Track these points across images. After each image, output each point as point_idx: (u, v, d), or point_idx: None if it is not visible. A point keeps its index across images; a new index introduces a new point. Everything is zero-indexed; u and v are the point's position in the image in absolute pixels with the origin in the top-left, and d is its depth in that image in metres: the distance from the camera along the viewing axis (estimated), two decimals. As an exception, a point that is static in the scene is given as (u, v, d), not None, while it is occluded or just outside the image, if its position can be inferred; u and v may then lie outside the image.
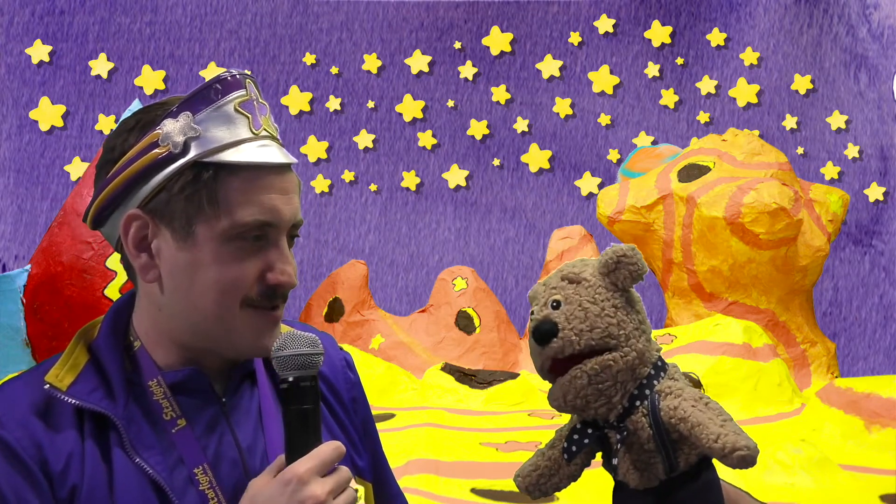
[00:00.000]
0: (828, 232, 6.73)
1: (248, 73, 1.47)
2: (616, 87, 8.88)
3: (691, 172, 6.85)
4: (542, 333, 1.51)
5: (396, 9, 8.85)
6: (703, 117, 8.80)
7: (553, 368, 1.53)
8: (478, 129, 8.87)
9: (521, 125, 8.87)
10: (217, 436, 1.46)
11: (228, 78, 1.45)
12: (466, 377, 6.32)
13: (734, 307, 6.62)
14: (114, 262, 3.23)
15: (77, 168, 8.56)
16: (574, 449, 1.55)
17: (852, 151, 8.66)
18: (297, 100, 8.84)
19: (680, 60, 8.83)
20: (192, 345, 1.47)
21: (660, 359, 1.56)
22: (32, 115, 8.65)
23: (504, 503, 4.42)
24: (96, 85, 8.73)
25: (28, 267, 3.41)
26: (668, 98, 8.83)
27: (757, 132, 8.36)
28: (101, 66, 8.71)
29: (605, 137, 8.86)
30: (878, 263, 8.58)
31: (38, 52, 8.66)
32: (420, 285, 8.63)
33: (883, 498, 4.58)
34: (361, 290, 7.25)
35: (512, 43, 8.88)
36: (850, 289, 8.59)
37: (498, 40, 8.87)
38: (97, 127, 8.65)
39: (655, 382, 1.52)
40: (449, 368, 6.39)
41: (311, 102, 8.88)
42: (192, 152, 1.42)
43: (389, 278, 8.77)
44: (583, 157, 8.86)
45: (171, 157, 1.42)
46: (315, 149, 8.84)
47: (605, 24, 8.85)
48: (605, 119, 8.84)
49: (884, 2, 8.49)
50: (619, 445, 1.52)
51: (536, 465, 1.59)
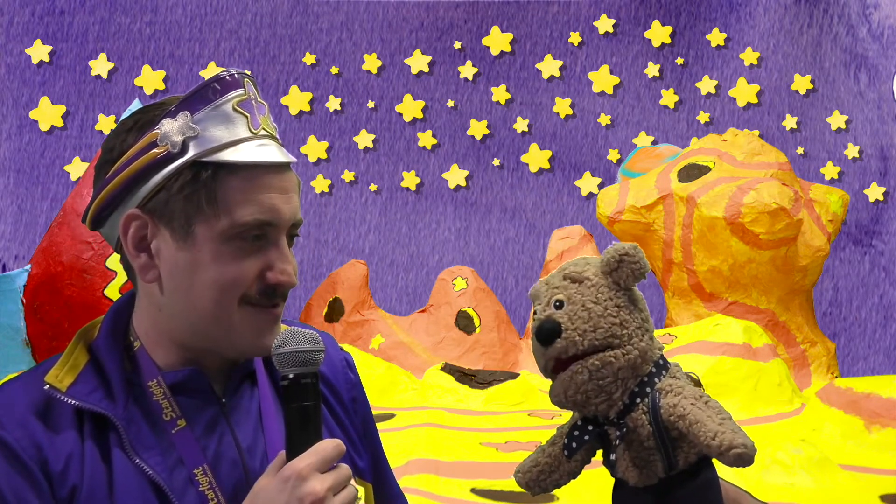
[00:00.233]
0: (828, 232, 6.73)
1: (246, 72, 1.47)
2: (616, 87, 8.88)
3: (691, 172, 6.85)
4: (546, 333, 1.51)
5: (396, 9, 8.85)
6: (703, 117, 8.80)
7: (556, 368, 1.53)
8: (478, 129, 8.87)
9: (521, 125, 8.87)
10: (217, 436, 1.46)
11: (227, 77, 1.45)
12: (466, 377, 6.32)
13: (734, 307, 6.62)
14: (114, 262, 3.23)
15: (77, 168, 8.56)
16: (574, 445, 1.55)
17: (852, 151, 8.66)
18: (297, 100, 8.84)
19: (680, 60, 8.83)
20: (192, 345, 1.47)
21: (662, 357, 1.56)
22: (32, 115, 8.65)
23: (504, 503, 4.42)
24: (96, 85, 8.73)
25: (28, 267, 3.41)
26: (668, 98, 8.83)
27: (757, 132, 8.36)
28: (101, 66, 8.71)
29: (605, 137, 8.86)
30: (878, 263, 8.58)
31: (38, 52, 8.66)
32: (420, 285, 8.62)
33: (883, 498, 4.58)
34: (361, 290, 7.25)
35: (512, 43, 8.88)
36: (850, 289, 8.59)
37: (498, 40, 8.87)
38: (97, 127, 8.65)
39: (657, 380, 1.52)
40: (449, 368, 6.38)
41: (311, 102, 8.88)
42: (191, 152, 1.41)
43: (389, 278, 8.77)
44: (583, 157, 8.86)
45: (170, 157, 1.41)
46: (315, 149, 8.84)
47: (605, 24, 8.85)
48: (605, 119, 8.84)
49: (884, 2, 8.49)
50: (619, 442, 1.52)
51: (537, 462, 1.59)
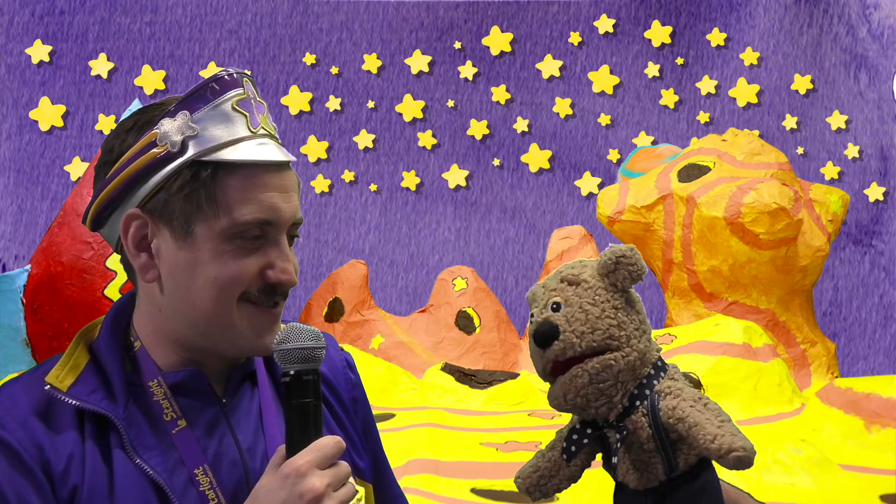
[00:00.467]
0: (828, 232, 6.72)
1: (245, 72, 1.47)
2: (616, 87, 8.88)
3: (691, 172, 6.85)
4: (544, 336, 1.51)
5: (396, 9, 8.85)
6: (703, 117, 8.80)
7: (555, 371, 1.53)
8: (478, 129, 8.87)
9: (521, 125, 8.87)
10: (217, 437, 1.46)
11: (225, 77, 1.45)
12: (466, 377, 6.31)
13: (734, 307, 6.62)
14: (114, 262, 3.23)
15: (77, 168, 8.56)
16: (573, 449, 1.55)
17: (852, 151, 8.66)
18: (297, 100, 8.84)
19: (680, 60, 8.83)
20: (193, 344, 1.47)
21: (660, 359, 1.56)
22: (32, 115, 8.65)
23: (504, 503, 4.42)
24: (96, 85, 8.73)
25: (28, 267, 3.41)
26: (668, 98, 8.82)
27: (757, 132, 8.36)
28: (101, 66, 8.71)
29: (605, 137, 8.86)
30: (878, 263, 8.58)
31: (38, 52, 8.66)
32: (420, 285, 8.62)
33: (883, 498, 4.58)
34: (361, 290, 7.25)
35: (512, 43, 8.88)
36: (850, 289, 8.59)
37: (498, 40, 8.87)
38: (97, 127, 8.65)
39: (655, 382, 1.52)
40: (449, 368, 6.38)
41: (311, 102, 8.88)
42: (191, 151, 1.41)
43: (389, 278, 8.77)
44: (583, 157, 8.86)
45: (170, 157, 1.41)
46: (315, 149, 8.84)
47: (605, 24, 8.85)
48: (605, 119, 8.84)
49: (884, 2, 8.49)
50: (619, 445, 1.52)
51: (536, 467, 1.59)
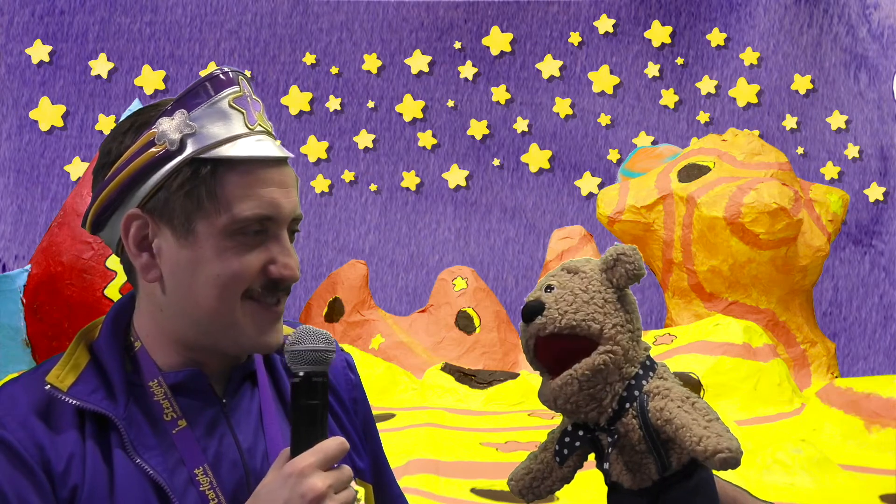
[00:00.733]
0: (828, 232, 6.73)
1: (240, 70, 1.48)
2: (616, 87, 8.88)
3: (691, 172, 6.85)
4: (529, 311, 1.55)
5: (396, 9, 8.85)
6: (703, 117, 8.80)
7: (538, 349, 1.55)
8: (478, 129, 8.87)
9: (521, 125, 8.87)
10: (217, 437, 1.46)
11: (220, 75, 1.45)
12: (466, 377, 6.32)
13: (734, 307, 6.62)
14: (114, 262, 3.23)
15: (77, 168, 8.57)
16: (565, 452, 1.56)
17: (852, 151, 8.66)
18: (297, 100, 8.84)
19: (680, 60, 8.83)
20: (194, 344, 1.47)
21: (648, 358, 1.56)
22: (32, 115, 8.65)
23: (504, 503, 4.42)
24: (96, 85, 8.73)
25: (28, 267, 3.41)
26: (668, 98, 8.83)
27: (757, 132, 8.36)
28: (101, 66, 8.71)
29: (605, 137, 8.86)
30: (878, 263, 8.58)
31: (38, 52, 8.66)
32: (420, 285, 8.63)
33: (883, 498, 4.58)
34: (361, 290, 7.25)
35: (512, 43, 8.88)
36: (850, 289, 8.59)
37: (498, 40, 8.87)
38: (97, 127, 8.66)
39: (644, 382, 1.53)
40: (449, 368, 6.38)
41: (311, 102, 8.88)
42: (189, 149, 1.41)
43: (389, 278, 8.77)
44: (583, 157, 8.86)
45: (169, 155, 1.42)
46: (315, 149, 8.84)
47: (605, 24, 8.85)
48: (605, 119, 8.84)
49: (884, 2, 8.49)
50: (611, 449, 1.52)
51: (529, 469, 1.60)
